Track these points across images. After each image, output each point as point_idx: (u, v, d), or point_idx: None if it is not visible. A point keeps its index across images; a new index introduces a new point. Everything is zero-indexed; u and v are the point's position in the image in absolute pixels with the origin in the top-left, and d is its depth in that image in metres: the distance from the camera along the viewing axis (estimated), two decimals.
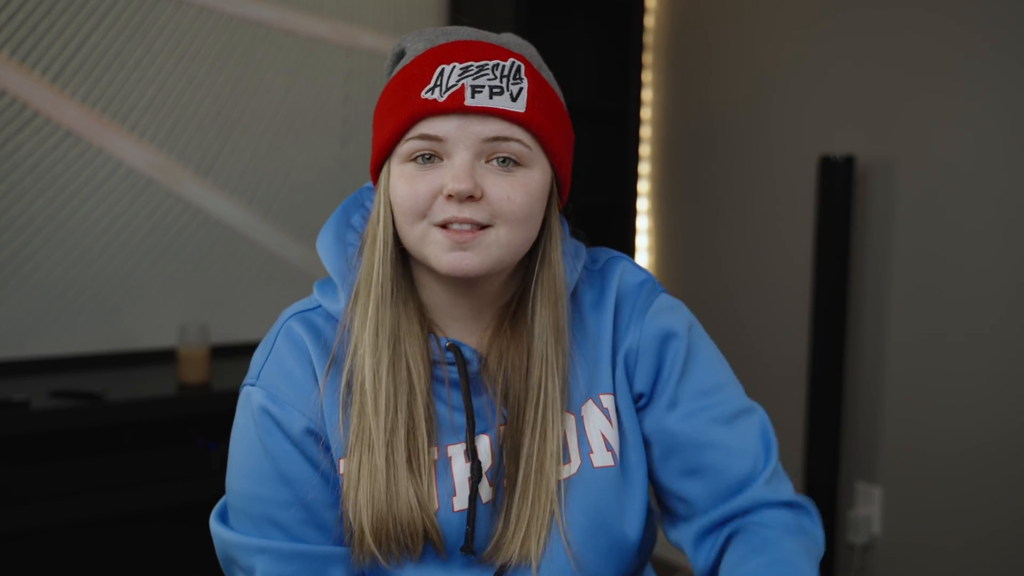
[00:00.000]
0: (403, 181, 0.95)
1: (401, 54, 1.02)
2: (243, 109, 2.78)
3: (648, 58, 3.31)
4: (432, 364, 1.00)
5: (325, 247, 1.04)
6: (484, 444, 1.00)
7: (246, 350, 2.69)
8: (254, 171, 2.81)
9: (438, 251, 0.94)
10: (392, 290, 0.98)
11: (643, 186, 3.34)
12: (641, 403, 1.05)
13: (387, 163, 0.98)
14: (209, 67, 2.71)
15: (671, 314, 1.06)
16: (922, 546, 2.59)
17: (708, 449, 1.02)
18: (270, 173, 2.84)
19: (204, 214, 2.74)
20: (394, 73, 1.01)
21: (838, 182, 2.59)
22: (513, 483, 0.98)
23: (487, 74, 0.94)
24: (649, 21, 3.29)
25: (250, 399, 1.01)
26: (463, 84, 0.93)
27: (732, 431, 1.03)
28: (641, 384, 1.04)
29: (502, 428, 1.00)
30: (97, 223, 2.58)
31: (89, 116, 2.55)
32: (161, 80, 2.64)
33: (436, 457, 0.99)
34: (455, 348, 1.00)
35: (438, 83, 0.93)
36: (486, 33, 1.00)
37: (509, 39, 1.01)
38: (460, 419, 1.00)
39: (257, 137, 2.81)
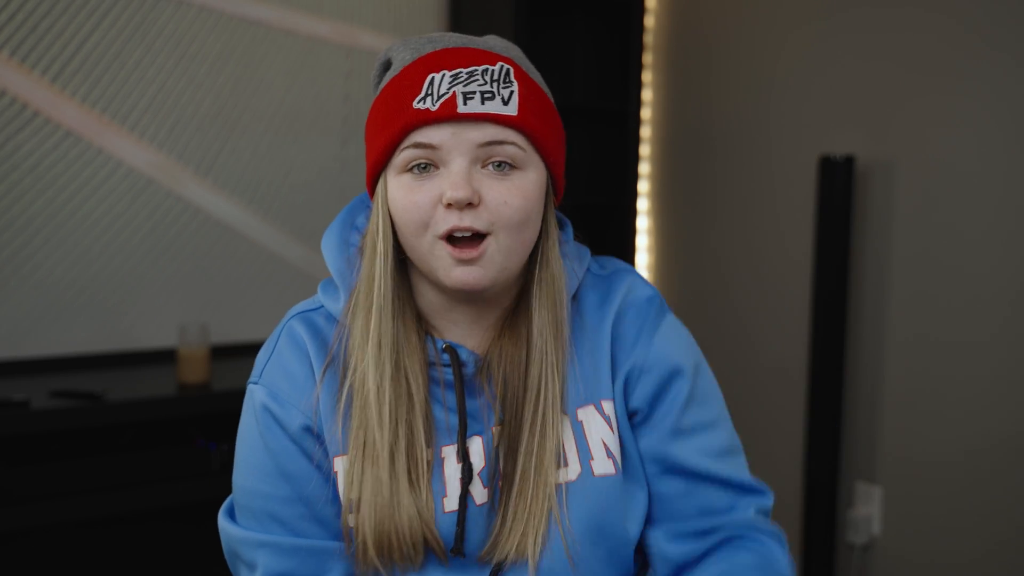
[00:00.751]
0: (402, 192, 0.96)
1: (387, 64, 1.02)
2: (243, 109, 2.78)
3: (648, 58, 3.31)
4: (429, 366, 1.01)
5: (328, 248, 1.05)
6: (476, 445, 1.01)
7: (246, 350, 2.69)
8: (254, 171, 2.81)
9: (445, 266, 0.95)
10: (393, 302, 0.99)
11: (643, 186, 3.34)
12: (636, 420, 1.05)
13: (383, 175, 0.98)
14: (209, 67, 2.71)
15: (680, 345, 1.06)
16: (922, 546, 2.59)
17: (707, 479, 1.04)
18: (270, 173, 2.84)
19: (204, 214, 2.74)
20: (382, 84, 1.01)
21: (838, 182, 2.60)
22: (510, 481, 0.98)
23: (477, 79, 0.94)
24: (649, 21, 3.29)
25: (253, 397, 1.03)
26: (454, 91, 0.93)
27: (730, 465, 1.05)
28: (638, 402, 1.04)
29: (494, 429, 1.00)
30: (97, 223, 2.58)
31: (89, 116, 2.55)
32: (161, 80, 2.65)
33: (430, 459, 0.99)
34: (451, 350, 1.01)
35: (429, 92, 0.94)
36: (471, 38, 1.01)
37: (494, 42, 1.01)
38: (455, 420, 1.01)
39: (257, 137, 2.81)
